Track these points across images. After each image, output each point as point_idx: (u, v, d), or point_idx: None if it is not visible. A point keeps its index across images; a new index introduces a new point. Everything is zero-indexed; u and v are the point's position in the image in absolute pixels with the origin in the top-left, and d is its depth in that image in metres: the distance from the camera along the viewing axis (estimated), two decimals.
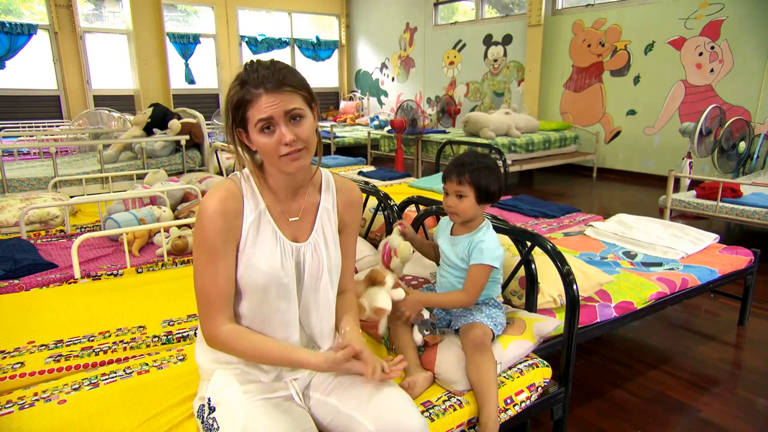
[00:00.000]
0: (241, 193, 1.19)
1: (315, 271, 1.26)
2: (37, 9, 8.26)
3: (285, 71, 1.14)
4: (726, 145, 4.58)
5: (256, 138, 1.14)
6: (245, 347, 1.18)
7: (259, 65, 1.13)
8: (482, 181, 1.53)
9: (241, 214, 1.18)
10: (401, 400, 1.19)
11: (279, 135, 1.12)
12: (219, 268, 1.16)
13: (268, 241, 1.20)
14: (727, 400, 2.13)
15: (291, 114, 1.13)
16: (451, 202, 1.56)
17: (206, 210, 1.15)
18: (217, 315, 1.17)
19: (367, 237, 2.68)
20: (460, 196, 1.54)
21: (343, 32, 11.21)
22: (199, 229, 1.15)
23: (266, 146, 1.13)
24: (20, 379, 1.50)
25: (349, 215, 1.36)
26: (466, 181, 1.52)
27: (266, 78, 1.11)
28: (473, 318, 1.57)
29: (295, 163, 1.15)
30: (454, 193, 1.55)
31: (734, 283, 2.67)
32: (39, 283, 2.22)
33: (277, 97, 1.11)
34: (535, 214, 3.49)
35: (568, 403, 1.72)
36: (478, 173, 1.52)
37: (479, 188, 1.53)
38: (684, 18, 6.00)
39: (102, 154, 4.43)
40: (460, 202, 1.55)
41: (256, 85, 1.11)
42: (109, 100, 8.46)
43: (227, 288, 1.17)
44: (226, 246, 1.16)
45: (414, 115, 6.45)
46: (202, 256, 1.16)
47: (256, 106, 1.11)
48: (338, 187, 1.34)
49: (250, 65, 1.14)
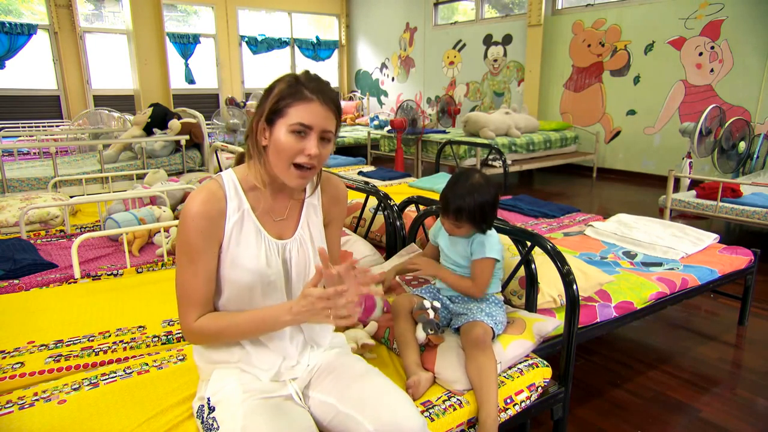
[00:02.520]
0: (224, 194, 1.20)
1: (302, 267, 1.27)
2: (37, 9, 8.25)
3: (334, 92, 1.20)
4: (726, 145, 4.58)
5: (282, 136, 1.15)
6: (219, 327, 1.19)
7: (317, 77, 1.18)
8: (478, 216, 1.60)
9: (224, 215, 1.19)
10: (401, 399, 1.19)
11: (307, 144, 1.15)
12: (198, 269, 1.17)
13: (252, 240, 1.21)
14: (727, 400, 2.13)
15: (325, 134, 1.17)
16: (448, 228, 1.66)
17: (189, 212, 1.16)
18: (195, 311, 1.19)
19: (367, 237, 2.68)
20: (458, 227, 1.63)
21: (343, 32, 11.21)
22: (182, 230, 1.17)
23: (289, 148, 1.14)
24: (20, 379, 1.50)
25: (335, 210, 1.38)
26: (463, 219, 1.60)
27: (324, 91, 1.16)
28: (474, 317, 1.58)
29: (301, 180, 1.19)
30: (450, 225, 1.64)
31: (734, 283, 2.67)
32: (39, 283, 2.22)
33: (325, 111, 1.16)
34: (535, 214, 3.49)
35: (568, 403, 1.72)
36: (473, 211, 1.58)
37: (476, 221, 1.61)
38: (684, 18, 6.00)
39: (102, 154, 4.43)
40: (458, 229, 1.64)
41: (312, 90, 1.15)
42: (109, 100, 8.46)
43: (205, 288, 1.19)
44: (207, 247, 1.17)
45: (414, 115, 6.45)
46: (183, 257, 1.18)
47: (304, 108, 1.14)
48: (323, 184, 1.35)
49: (307, 73, 1.19)
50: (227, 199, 1.20)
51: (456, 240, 1.66)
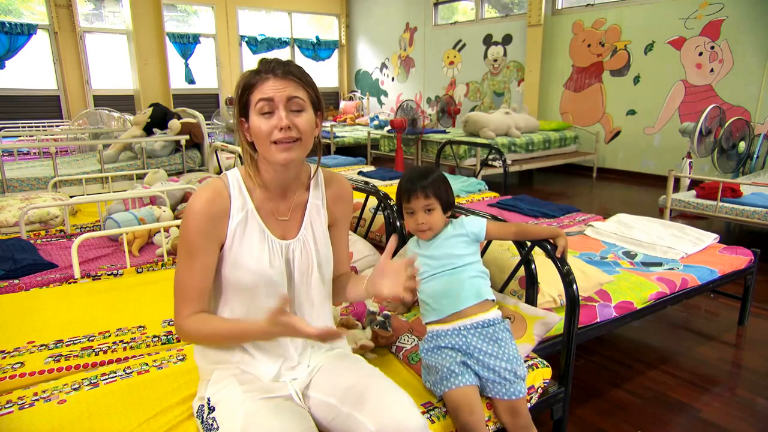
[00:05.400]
0: (229, 193, 1.20)
1: (305, 268, 1.27)
2: (37, 9, 8.26)
3: (296, 66, 1.19)
4: (726, 145, 4.58)
5: (254, 121, 1.16)
6: (202, 333, 1.19)
7: (274, 59, 1.19)
8: (443, 191, 1.57)
9: (227, 215, 1.19)
10: (402, 399, 1.19)
11: (276, 119, 1.14)
12: (196, 265, 1.17)
13: (255, 240, 1.21)
14: (727, 400, 2.13)
15: (292, 101, 1.15)
16: (421, 219, 1.55)
17: (192, 209, 1.17)
18: (187, 307, 1.19)
19: (367, 237, 2.68)
20: (429, 210, 1.55)
21: (343, 32, 11.21)
22: (184, 225, 1.18)
23: (261, 129, 1.15)
24: (20, 379, 1.50)
25: (339, 209, 1.37)
26: (432, 194, 1.54)
27: (277, 66, 1.16)
28: (515, 390, 1.43)
29: (285, 154, 1.16)
30: (422, 208, 1.55)
31: (734, 283, 2.67)
32: (39, 283, 2.22)
33: (283, 83, 1.15)
34: (535, 214, 3.49)
35: (568, 403, 1.72)
36: (438, 185, 1.56)
37: (442, 198, 1.56)
38: (684, 18, 6.00)
39: (102, 154, 4.43)
40: (430, 216, 1.55)
41: (267, 70, 1.16)
42: (109, 100, 8.46)
43: (201, 284, 1.19)
44: (207, 246, 1.18)
45: (414, 115, 6.45)
46: (182, 252, 1.18)
47: (260, 88, 1.15)
48: (327, 182, 1.35)
49: (263, 59, 1.19)
50: (231, 198, 1.20)
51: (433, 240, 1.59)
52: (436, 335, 1.52)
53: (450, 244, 1.58)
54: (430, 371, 1.47)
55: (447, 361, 1.44)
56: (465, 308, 1.51)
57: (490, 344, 1.47)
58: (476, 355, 1.45)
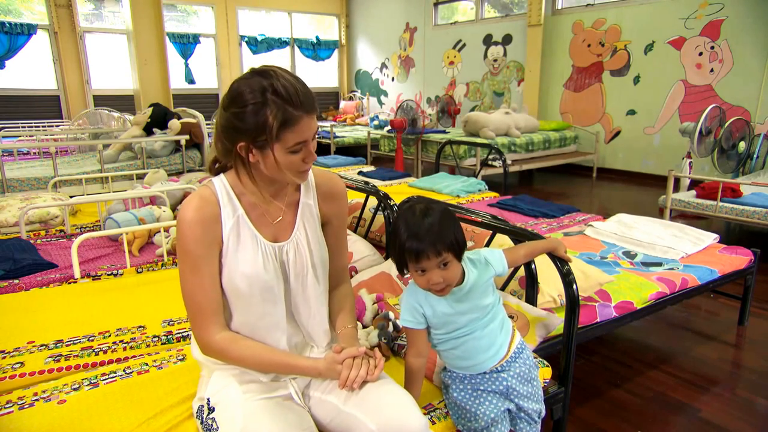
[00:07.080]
0: (217, 200, 1.19)
1: (300, 269, 1.26)
2: (37, 9, 8.25)
3: (310, 91, 1.14)
4: (726, 144, 4.58)
5: (281, 157, 1.13)
6: (241, 354, 1.18)
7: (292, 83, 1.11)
8: (454, 236, 1.25)
9: (218, 219, 1.18)
10: (403, 398, 1.19)
11: (307, 154, 1.16)
12: (204, 276, 1.16)
13: (248, 246, 1.20)
14: (727, 400, 2.13)
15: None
16: (437, 278, 1.23)
17: (184, 220, 1.15)
18: (210, 323, 1.18)
19: (367, 237, 2.68)
20: (444, 264, 1.24)
21: (343, 32, 11.21)
22: (180, 239, 1.16)
23: (292, 164, 1.15)
24: (20, 379, 1.50)
25: (331, 208, 1.35)
26: (445, 248, 1.22)
27: (305, 101, 1.12)
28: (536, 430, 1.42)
29: (304, 176, 1.22)
30: (436, 266, 1.23)
31: (734, 283, 2.67)
32: (39, 283, 2.22)
33: (312, 119, 1.15)
34: (535, 214, 3.49)
35: (568, 403, 1.72)
36: (447, 231, 1.23)
37: (455, 247, 1.25)
38: (684, 18, 6.00)
39: (102, 154, 4.43)
40: (446, 271, 1.24)
41: (297, 106, 1.11)
42: (109, 100, 8.46)
43: (215, 294, 1.18)
44: (209, 253, 1.17)
45: (414, 115, 6.45)
46: (185, 266, 1.17)
47: (297, 129, 1.12)
48: (318, 181, 1.34)
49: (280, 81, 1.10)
50: (221, 204, 1.19)
51: (456, 292, 1.30)
52: (472, 377, 1.36)
53: (480, 293, 1.34)
54: (466, 416, 1.34)
55: (490, 410, 1.32)
56: (504, 355, 1.37)
57: (527, 386, 1.39)
58: (514, 398, 1.37)
